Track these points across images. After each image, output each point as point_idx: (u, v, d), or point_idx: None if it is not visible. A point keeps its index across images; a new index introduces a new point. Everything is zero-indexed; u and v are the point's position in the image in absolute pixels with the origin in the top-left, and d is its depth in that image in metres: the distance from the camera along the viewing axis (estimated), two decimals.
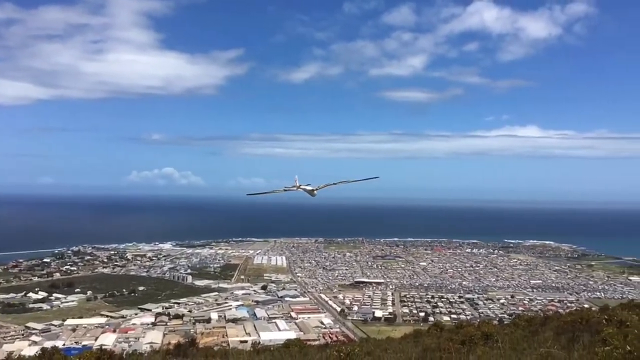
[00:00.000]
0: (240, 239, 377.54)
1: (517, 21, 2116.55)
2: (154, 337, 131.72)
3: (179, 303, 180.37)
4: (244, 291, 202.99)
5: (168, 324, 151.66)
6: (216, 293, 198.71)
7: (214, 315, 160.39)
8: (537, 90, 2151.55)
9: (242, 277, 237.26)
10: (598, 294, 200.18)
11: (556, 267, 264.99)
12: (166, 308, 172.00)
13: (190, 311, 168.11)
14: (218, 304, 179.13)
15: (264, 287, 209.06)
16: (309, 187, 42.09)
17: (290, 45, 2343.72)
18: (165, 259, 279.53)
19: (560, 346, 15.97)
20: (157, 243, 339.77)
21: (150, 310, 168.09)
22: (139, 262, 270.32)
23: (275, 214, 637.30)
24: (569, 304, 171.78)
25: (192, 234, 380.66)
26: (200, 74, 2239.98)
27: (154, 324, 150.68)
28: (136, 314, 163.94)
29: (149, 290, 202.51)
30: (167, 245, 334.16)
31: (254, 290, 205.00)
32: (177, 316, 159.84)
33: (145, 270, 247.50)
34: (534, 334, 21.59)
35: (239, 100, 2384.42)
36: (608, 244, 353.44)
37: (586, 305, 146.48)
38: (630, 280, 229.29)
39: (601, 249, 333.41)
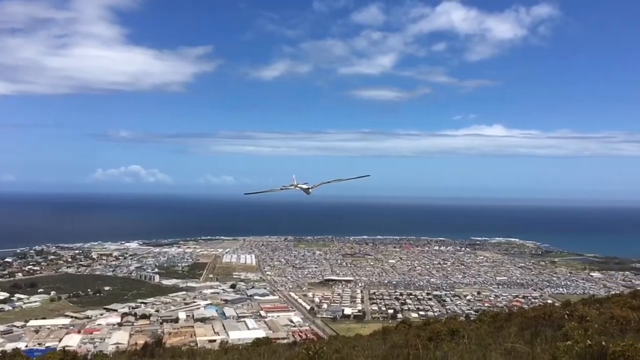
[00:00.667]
0: (209, 237, 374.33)
1: (483, 22, 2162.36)
2: (120, 338, 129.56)
3: (145, 303, 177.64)
4: (212, 290, 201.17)
5: (134, 324, 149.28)
6: (184, 292, 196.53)
7: (182, 315, 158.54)
8: (503, 90, 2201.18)
9: (211, 276, 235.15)
10: (561, 289, 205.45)
11: (521, 264, 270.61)
12: (133, 308, 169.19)
13: (157, 311, 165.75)
14: (186, 304, 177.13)
15: (233, 286, 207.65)
16: (305, 186, 43.91)
17: (260, 42, 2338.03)
18: (131, 258, 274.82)
19: (524, 341, 16.27)
20: (123, 242, 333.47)
21: (116, 310, 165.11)
22: (104, 261, 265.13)
23: (245, 212, 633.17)
24: (533, 300, 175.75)
25: (159, 233, 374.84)
26: (168, 70, 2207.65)
27: (120, 324, 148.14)
28: (102, 314, 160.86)
29: (114, 290, 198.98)
30: (133, 244, 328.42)
31: (223, 289, 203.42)
32: (144, 316, 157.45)
33: (111, 269, 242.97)
34: (499, 329, 21.95)
35: (208, 97, 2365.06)
36: (570, 240, 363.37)
37: (549, 301, 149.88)
38: (592, 276, 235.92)
39: (564, 245, 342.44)
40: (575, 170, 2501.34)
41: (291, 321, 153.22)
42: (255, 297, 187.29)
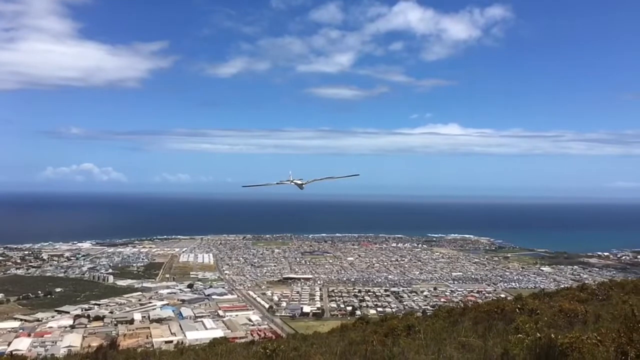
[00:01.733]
0: (165, 236, 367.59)
1: (439, 23, 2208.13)
2: (73, 340, 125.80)
3: (99, 304, 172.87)
4: (169, 290, 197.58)
5: (88, 326, 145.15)
6: (140, 293, 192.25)
7: (137, 316, 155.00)
8: (458, 90, 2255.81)
9: (167, 275, 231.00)
10: (513, 284, 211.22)
11: (475, 260, 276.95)
12: (85, 310, 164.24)
13: (111, 312, 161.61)
14: (141, 304, 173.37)
15: (190, 286, 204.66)
16: (299, 182, 47.71)
17: (217, 39, 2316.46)
18: (84, 259, 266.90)
19: (477, 335, 16.66)
20: (75, 242, 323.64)
21: (68, 312, 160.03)
22: (55, 262, 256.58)
23: (203, 211, 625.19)
24: (487, 294, 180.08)
25: (113, 233, 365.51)
26: (122, 66, 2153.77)
27: (72, 327, 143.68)
28: (53, 317, 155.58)
29: (66, 292, 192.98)
30: (86, 244, 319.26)
31: (180, 289, 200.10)
32: (98, 318, 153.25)
33: (63, 270, 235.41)
34: (454, 324, 22.39)
35: (164, 94, 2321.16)
36: (522, 236, 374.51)
37: (502, 295, 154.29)
38: (542, 270, 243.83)
39: (516, 241, 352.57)
40: (527, 168, 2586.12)
41: (250, 320, 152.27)
42: (213, 297, 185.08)
